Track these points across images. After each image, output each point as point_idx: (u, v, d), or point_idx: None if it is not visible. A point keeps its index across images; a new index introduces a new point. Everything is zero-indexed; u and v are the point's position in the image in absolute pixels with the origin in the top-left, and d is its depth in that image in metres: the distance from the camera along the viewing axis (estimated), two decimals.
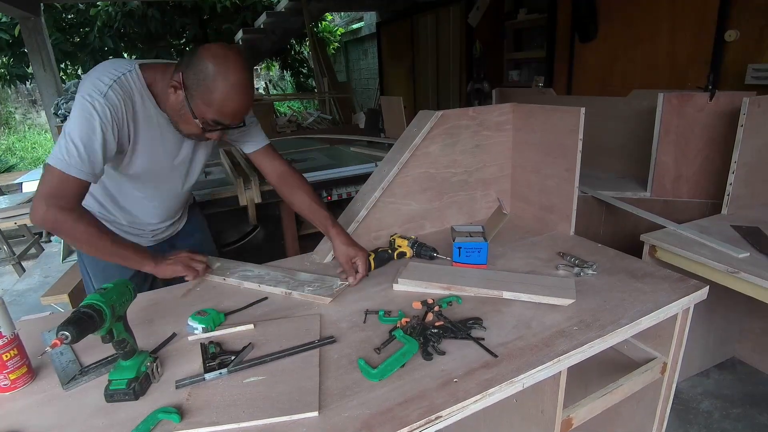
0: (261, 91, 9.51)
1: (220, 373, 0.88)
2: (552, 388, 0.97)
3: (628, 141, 2.42)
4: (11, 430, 0.77)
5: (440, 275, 1.22)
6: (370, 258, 1.29)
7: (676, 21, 3.03)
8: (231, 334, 1.03)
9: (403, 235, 1.41)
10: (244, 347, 0.95)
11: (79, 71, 7.77)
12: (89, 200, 1.25)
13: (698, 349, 1.98)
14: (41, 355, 0.92)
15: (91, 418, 0.79)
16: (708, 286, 1.13)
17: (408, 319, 1.02)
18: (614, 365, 1.25)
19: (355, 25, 9.61)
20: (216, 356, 0.93)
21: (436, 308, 1.07)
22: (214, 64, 1.05)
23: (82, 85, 1.09)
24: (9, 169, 8.97)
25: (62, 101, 4.17)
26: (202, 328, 1.02)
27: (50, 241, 4.37)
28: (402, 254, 1.37)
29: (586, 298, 1.10)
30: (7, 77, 7.35)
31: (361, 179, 2.15)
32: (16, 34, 6.18)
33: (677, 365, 1.21)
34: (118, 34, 7.23)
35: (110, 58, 7.45)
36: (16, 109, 12.12)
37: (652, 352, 1.22)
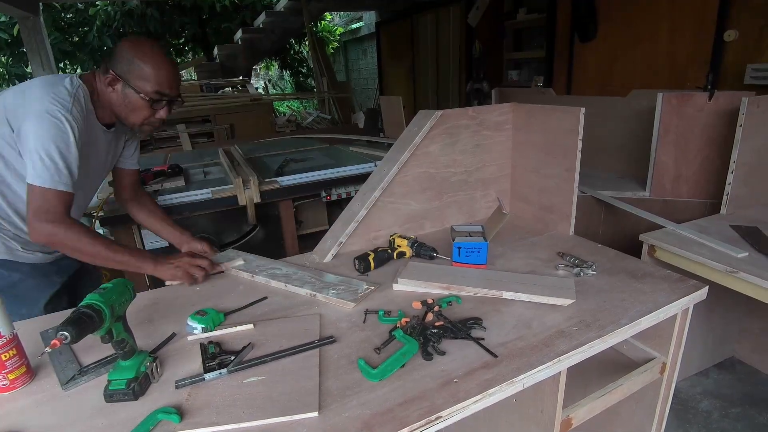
0: (260, 90, 9.50)
1: (220, 373, 0.88)
2: (552, 388, 0.97)
3: (628, 141, 2.42)
4: (10, 430, 0.77)
5: (440, 275, 1.22)
6: (370, 258, 1.29)
7: (675, 21, 3.03)
8: (231, 333, 1.03)
9: (403, 235, 1.40)
10: (244, 347, 0.95)
11: (78, 71, 7.77)
12: None
13: (697, 349, 1.98)
14: (40, 356, 0.92)
15: (91, 419, 0.79)
16: (707, 287, 1.13)
17: (408, 319, 1.02)
18: (614, 365, 1.25)
19: (355, 25, 9.60)
20: (216, 356, 0.93)
21: (436, 308, 1.07)
22: (135, 47, 1.21)
23: (38, 101, 1.13)
24: None
25: None
26: (202, 328, 1.02)
27: None
28: (402, 254, 1.37)
29: (586, 298, 1.10)
30: (6, 77, 7.34)
31: (361, 179, 2.15)
32: (15, 33, 6.18)
33: (676, 365, 1.21)
34: (117, 34, 7.22)
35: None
36: None
37: (652, 352, 1.22)
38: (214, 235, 2.06)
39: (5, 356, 0.85)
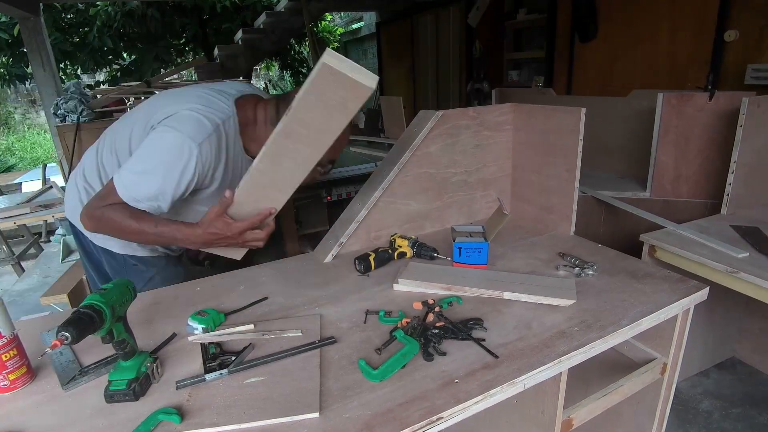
0: None
1: (221, 374, 0.87)
2: (552, 388, 0.97)
3: (628, 141, 2.42)
4: (11, 430, 0.77)
5: (441, 275, 1.22)
6: (371, 258, 1.29)
7: (675, 21, 3.02)
8: (231, 334, 1.02)
9: (404, 236, 1.40)
10: (245, 347, 0.95)
11: (79, 71, 7.77)
12: None
13: (698, 349, 1.98)
14: (41, 356, 0.92)
15: (91, 419, 0.79)
16: (708, 287, 1.13)
17: (408, 320, 1.02)
18: (614, 366, 1.25)
19: (355, 25, 9.60)
20: (216, 356, 0.93)
21: (437, 309, 1.07)
22: None
23: (179, 118, 1.09)
24: (8, 169, 8.98)
25: (62, 101, 4.16)
26: (202, 328, 1.02)
27: (50, 241, 4.37)
28: (402, 254, 1.37)
29: (587, 298, 1.10)
30: (7, 77, 7.34)
31: (361, 179, 2.15)
32: (16, 33, 6.17)
33: (677, 366, 1.21)
34: (117, 34, 7.21)
35: (110, 58, 7.50)
36: (16, 109, 12.12)
37: (652, 353, 1.22)
38: None
39: (6, 356, 0.85)
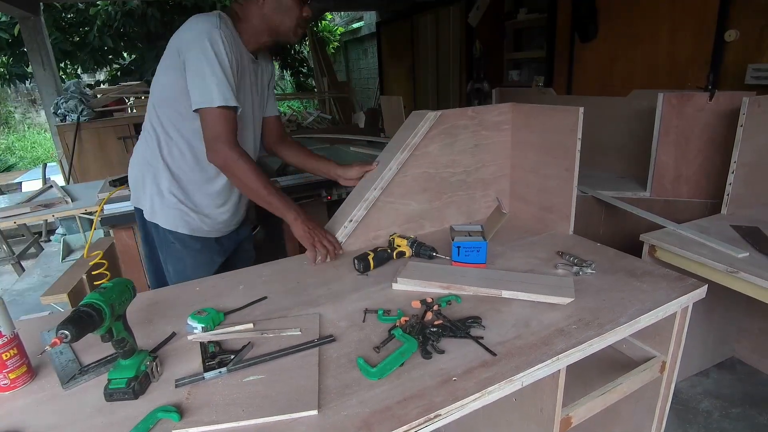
0: None
1: (220, 372, 0.88)
2: (551, 386, 0.97)
3: (628, 141, 2.42)
4: (11, 429, 0.77)
5: (439, 274, 1.22)
6: (370, 257, 1.29)
7: (676, 21, 3.03)
8: (230, 333, 1.03)
9: (403, 235, 1.41)
10: (244, 346, 0.95)
11: (79, 70, 7.76)
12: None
13: (697, 349, 1.98)
14: (41, 354, 0.92)
15: (91, 417, 0.80)
16: (706, 285, 1.13)
17: (407, 318, 1.02)
18: (613, 364, 1.25)
19: (355, 25, 9.61)
20: (215, 355, 0.93)
21: (436, 307, 1.07)
22: None
23: (190, 33, 1.23)
24: (8, 169, 8.98)
25: (62, 100, 4.17)
26: (202, 328, 1.02)
27: (50, 241, 4.38)
28: (401, 254, 1.37)
29: (585, 297, 1.10)
30: (7, 76, 7.34)
31: None
32: (16, 33, 6.17)
33: (676, 364, 1.21)
34: (117, 34, 7.21)
35: (110, 57, 7.50)
36: (16, 108, 12.12)
37: (651, 351, 1.22)
38: None
39: (6, 356, 0.86)
